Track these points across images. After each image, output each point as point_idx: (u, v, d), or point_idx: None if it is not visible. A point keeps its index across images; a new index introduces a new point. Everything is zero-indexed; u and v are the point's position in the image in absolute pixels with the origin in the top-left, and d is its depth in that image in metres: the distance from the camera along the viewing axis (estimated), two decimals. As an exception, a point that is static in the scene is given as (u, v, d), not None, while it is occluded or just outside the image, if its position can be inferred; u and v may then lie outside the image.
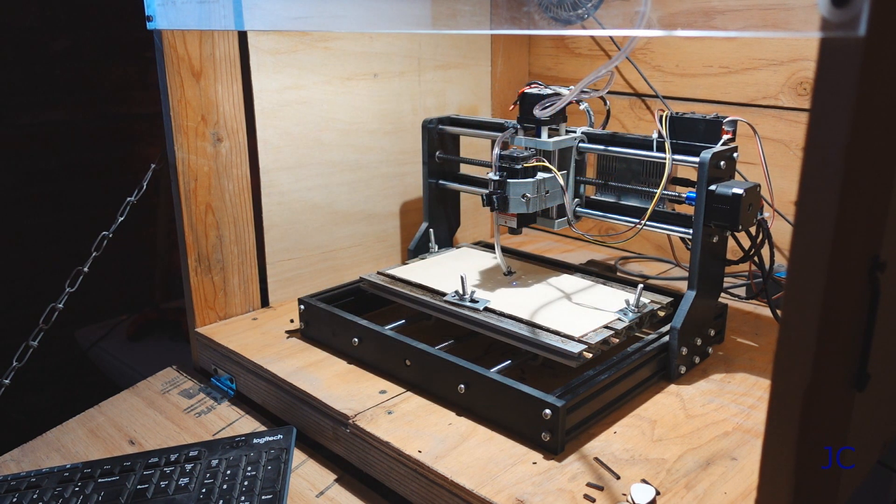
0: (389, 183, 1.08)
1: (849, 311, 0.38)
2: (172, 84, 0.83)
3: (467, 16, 0.59)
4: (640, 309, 0.77)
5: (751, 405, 0.71)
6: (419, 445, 0.65)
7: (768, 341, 0.85)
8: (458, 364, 0.70)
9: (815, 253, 0.33)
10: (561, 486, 0.59)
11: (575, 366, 0.69)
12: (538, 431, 0.64)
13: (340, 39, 0.98)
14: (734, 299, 0.97)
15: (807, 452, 0.37)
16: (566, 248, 1.19)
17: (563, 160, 0.86)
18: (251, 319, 0.93)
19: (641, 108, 1.13)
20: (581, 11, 0.59)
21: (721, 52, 1.02)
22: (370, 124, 1.04)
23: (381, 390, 0.75)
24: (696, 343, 0.77)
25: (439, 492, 0.62)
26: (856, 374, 0.41)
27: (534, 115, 0.81)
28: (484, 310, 0.78)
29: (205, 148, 0.87)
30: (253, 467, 0.67)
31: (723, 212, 0.72)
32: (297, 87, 0.95)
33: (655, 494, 0.58)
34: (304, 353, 0.83)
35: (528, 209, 0.80)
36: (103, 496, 0.65)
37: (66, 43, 1.72)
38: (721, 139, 0.74)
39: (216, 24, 0.76)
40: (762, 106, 1.00)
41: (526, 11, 0.55)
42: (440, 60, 1.11)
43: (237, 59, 0.88)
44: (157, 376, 0.90)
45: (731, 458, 0.63)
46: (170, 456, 0.69)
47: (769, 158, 0.99)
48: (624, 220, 0.83)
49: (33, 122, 1.70)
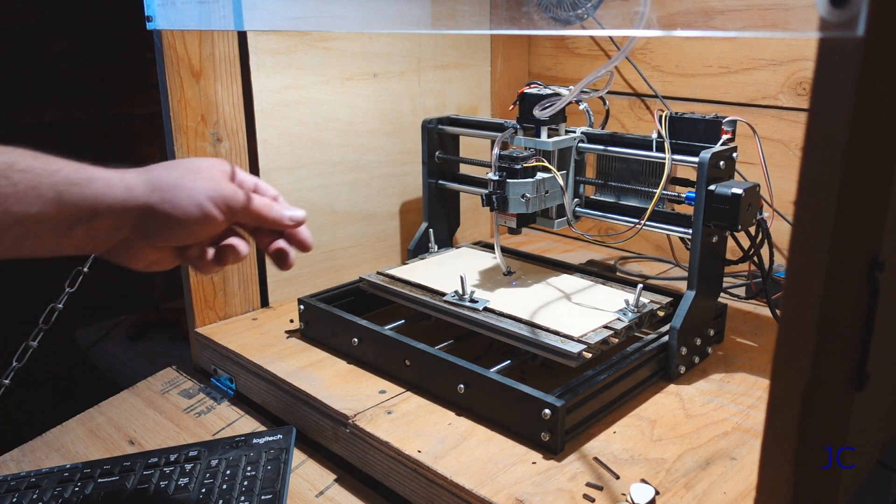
0: (389, 183, 1.08)
1: (848, 310, 0.38)
2: (172, 84, 0.83)
3: (467, 16, 0.59)
4: (640, 309, 0.77)
5: (750, 405, 0.71)
6: (419, 445, 0.65)
7: (768, 341, 0.85)
8: (457, 364, 0.70)
9: (814, 253, 0.33)
10: (560, 485, 0.60)
11: (574, 366, 0.69)
12: (538, 431, 0.64)
13: (340, 39, 0.98)
14: (734, 299, 0.97)
15: (806, 452, 0.37)
16: (566, 248, 1.20)
17: (563, 160, 0.86)
18: (251, 319, 0.93)
19: (641, 108, 1.13)
20: (581, 12, 0.59)
21: (720, 52, 1.02)
22: (370, 124, 1.04)
23: (380, 390, 0.75)
24: (695, 343, 0.77)
25: (439, 492, 0.62)
26: (855, 374, 0.41)
27: (533, 115, 0.81)
28: (483, 310, 0.78)
29: (204, 148, 0.87)
30: (253, 467, 0.67)
31: (722, 212, 0.72)
32: (296, 87, 0.95)
33: (655, 494, 0.58)
34: (303, 353, 0.83)
35: (527, 209, 0.80)
36: (103, 496, 0.65)
37: (66, 43, 1.72)
38: (720, 139, 0.74)
39: (216, 25, 0.76)
40: (762, 106, 1.00)
41: (525, 11, 0.55)
42: (440, 60, 1.11)
43: (237, 60, 0.89)
44: (157, 376, 0.90)
45: (731, 458, 0.63)
46: (169, 456, 0.69)
47: (769, 158, 0.99)
48: (624, 220, 0.83)
49: (33, 122, 1.70)
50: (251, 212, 0.56)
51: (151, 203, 0.51)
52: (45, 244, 0.50)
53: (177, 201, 0.52)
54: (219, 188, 0.54)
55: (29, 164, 0.48)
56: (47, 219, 0.48)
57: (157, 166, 0.55)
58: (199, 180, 0.53)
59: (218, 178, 0.55)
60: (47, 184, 0.48)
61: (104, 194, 0.50)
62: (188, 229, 0.53)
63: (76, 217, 0.49)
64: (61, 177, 0.49)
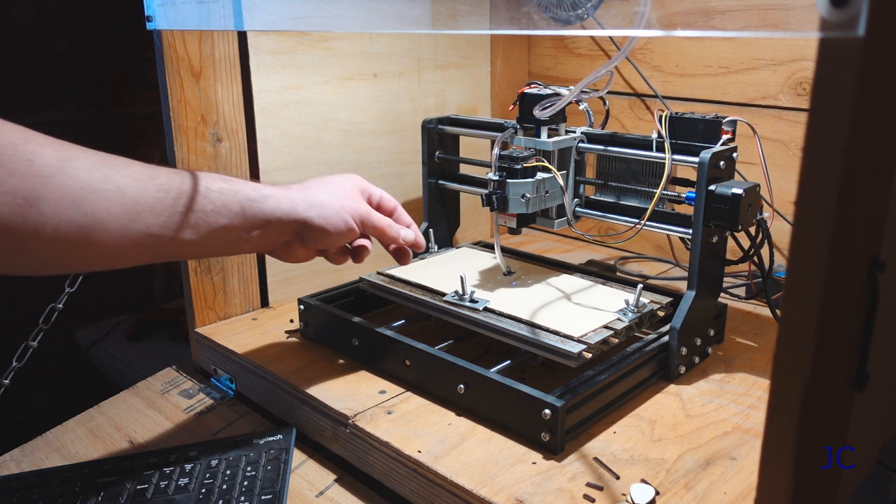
0: (389, 183, 1.08)
1: (848, 310, 0.38)
2: (172, 84, 0.83)
3: (467, 16, 0.59)
4: (640, 309, 0.77)
5: (750, 405, 0.71)
6: (419, 445, 0.65)
7: (768, 341, 0.85)
8: (457, 364, 0.70)
9: (814, 253, 0.33)
10: (560, 486, 0.60)
11: (574, 366, 0.69)
12: (538, 431, 0.64)
13: (340, 39, 0.98)
14: (734, 299, 0.97)
15: (806, 452, 0.37)
16: (566, 248, 1.20)
17: (563, 160, 0.86)
18: (251, 319, 0.93)
19: (641, 108, 1.13)
20: (580, 12, 0.59)
21: (720, 52, 1.02)
22: (370, 124, 1.04)
23: (380, 390, 0.75)
24: (695, 343, 0.77)
25: (439, 492, 0.62)
26: (855, 374, 0.41)
27: (533, 116, 0.81)
28: (483, 310, 0.78)
29: (204, 148, 0.87)
30: (253, 467, 0.67)
31: (722, 212, 0.72)
32: (296, 87, 0.95)
33: (655, 494, 0.58)
34: (303, 353, 0.83)
35: (527, 209, 0.80)
36: (103, 496, 0.65)
37: (66, 43, 1.72)
38: (721, 139, 0.74)
39: (216, 25, 0.76)
40: (762, 106, 1.00)
41: (525, 11, 0.55)
42: (440, 60, 1.11)
43: (237, 60, 0.88)
44: (157, 376, 0.90)
45: (731, 458, 0.63)
46: (169, 456, 0.69)
47: (769, 158, 0.99)
48: (624, 220, 0.83)
49: (33, 123, 1.70)
50: (376, 228, 0.73)
51: (309, 217, 0.67)
52: (231, 246, 0.66)
53: (328, 217, 0.68)
54: (357, 207, 0.71)
55: (220, 186, 0.63)
56: (234, 227, 0.63)
57: (312, 185, 0.70)
58: (344, 200, 0.70)
59: (357, 197, 0.72)
60: (234, 201, 0.63)
61: (275, 209, 0.65)
62: (335, 238, 0.70)
63: (254, 226, 0.65)
64: (243, 195, 0.64)
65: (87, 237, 0.55)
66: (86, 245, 0.56)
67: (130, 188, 0.58)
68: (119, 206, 0.57)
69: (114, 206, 0.56)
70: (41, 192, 0.53)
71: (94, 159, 0.58)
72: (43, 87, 1.70)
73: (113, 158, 0.60)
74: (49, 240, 0.54)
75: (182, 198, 0.60)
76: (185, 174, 0.62)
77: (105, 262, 0.60)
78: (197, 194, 0.61)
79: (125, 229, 0.57)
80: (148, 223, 0.58)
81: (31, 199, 0.52)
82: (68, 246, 0.55)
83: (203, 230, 0.61)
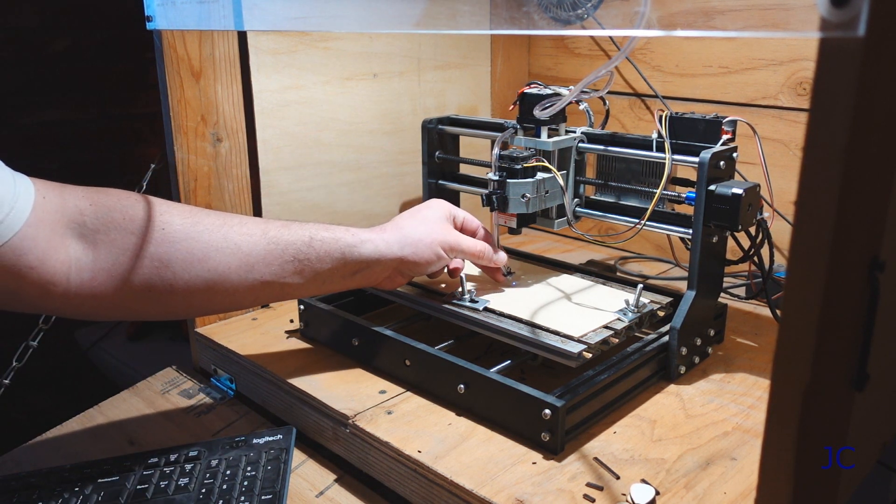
0: (389, 183, 1.08)
1: (848, 311, 0.38)
2: (172, 84, 0.83)
3: (467, 16, 0.59)
4: (640, 309, 0.77)
5: (750, 405, 0.71)
6: (419, 445, 0.65)
7: (768, 341, 0.85)
8: (457, 364, 0.70)
9: (814, 253, 0.33)
10: (561, 486, 0.60)
11: (574, 366, 0.69)
12: (538, 431, 0.64)
13: (340, 39, 0.98)
14: (734, 299, 0.97)
15: (806, 452, 0.37)
16: (566, 248, 1.20)
17: (563, 160, 0.86)
18: (251, 319, 0.93)
19: (641, 108, 1.13)
20: (581, 11, 0.59)
21: (721, 52, 1.02)
22: (370, 124, 1.04)
23: (380, 390, 0.75)
24: (695, 343, 0.77)
25: (439, 492, 0.62)
26: (855, 374, 0.41)
27: (533, 116, 0.81)
28: (484, 310, 0.78)
29: (204, 148, 0.87)
30: (253, 467, 0.67)
31: (722, 212, 0.72)
32: (296, 87, 0.95)
33: (655, 494, 0.58)
34: (304, 353, 0.83)
35: (527, 209, 0.80)
36: (103, 496, 0.65)
37: (66, 43, 1.72)
38: (721, 139, 0.74)
39: (216, 25, 0.76)
40: (762, 106, 1.00)
41: (525, 11, 0.55)
42: (440, 60, 1.11)
43: (237, 60, 0.88)
44: (157, 376, 0.90)
45: (731, 458, 0.63)
46: (169, 456, 0.69)
47: (769, 158, 0.99)
48: (624, 220, 0.83)
49: (33, 123, 1.70)
50: (465, 254, 0.80)
51: (404, 255, 0.75)
52: (336, 286, 0.74)
53: (420, 252, 0.75)
54: (447, 238, 0.77)
55: (322, 236, 0.71)
56: (336, 271, 0.72)
57: (403, 223, 0.77)
58: (433, 233, 0.77)
59: (445, 227, 0.79)
60: (334, 248, 0.71)
61: (372, 252, 0.73)
62: (428, 268, 0.78)
63: (356, 268, 0.73)
64: (343, 243, 0.71)
65: (212, 288, 0.66)
66: (211, 294, 0.66)
67: (245, 244, 0.67)
68: (237, 260, 0.66)
69: (232, 260, 0.66)
70: (173, 255, 0.64)
71: (216, 220, 0.67)
72: (43, 87, 1.70)
73: (231, 218, 0.69)
74: (181, 292, 0.65)
75: (289, 249, 0.69)
76: (293, 226, 0.71)
77: (229, 307, 0.71)
78: (302, 245, 0.70)
79: (242, 279, 0.67)
80: (261, 273, 0.68)
81: (165, 261, 0.63)
82: (198, 296, 0.66)
83: (309, 275, 0.70)
